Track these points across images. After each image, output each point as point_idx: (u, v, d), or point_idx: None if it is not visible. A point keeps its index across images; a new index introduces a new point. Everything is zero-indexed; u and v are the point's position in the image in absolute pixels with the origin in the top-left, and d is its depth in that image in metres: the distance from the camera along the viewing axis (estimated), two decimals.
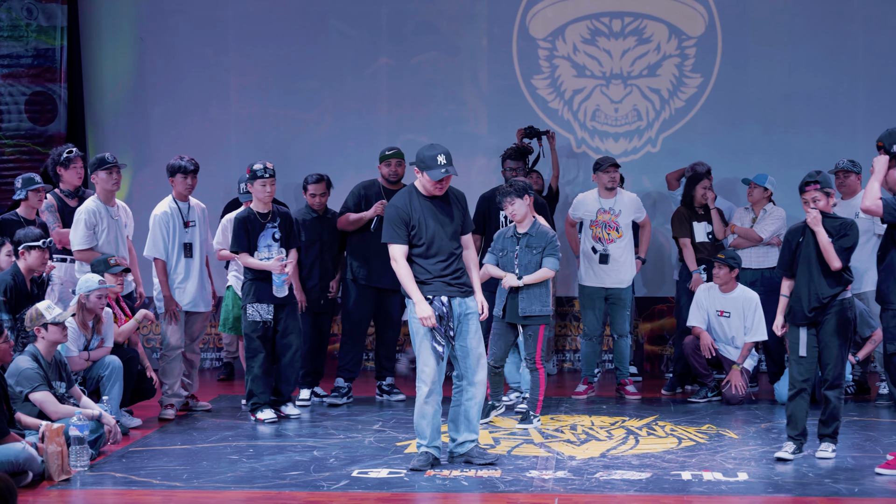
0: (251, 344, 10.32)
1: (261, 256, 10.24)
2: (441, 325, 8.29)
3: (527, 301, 9.89)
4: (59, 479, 8.05)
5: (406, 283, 8.33)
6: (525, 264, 9.91)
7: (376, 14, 13.43)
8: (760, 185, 11.57)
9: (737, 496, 7.76)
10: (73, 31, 13.32)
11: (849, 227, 8.53)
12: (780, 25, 13.13)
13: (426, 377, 8.33)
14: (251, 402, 10.30)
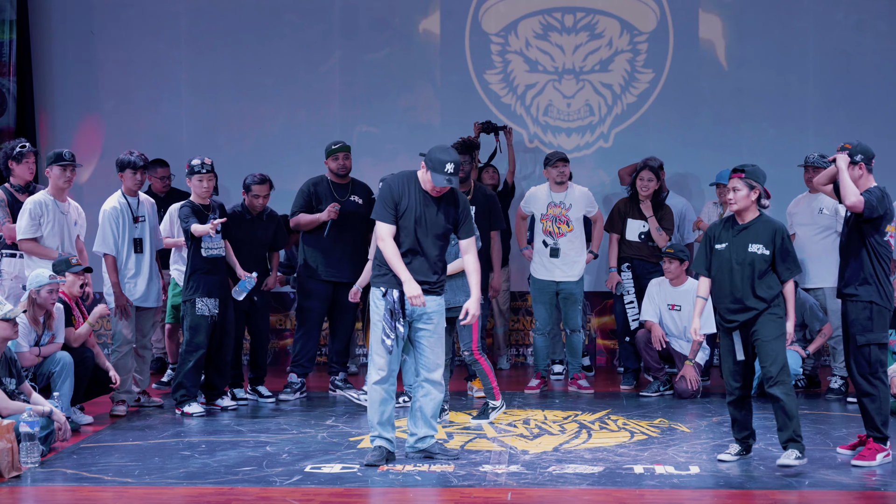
0: (195, 338, 10.31)
1: (204, 245, 10.29)
2: (391, 319, 8.26)
3: (451, 292, 9.70)
4: (10, 475, 7.98)
5: (393, 261, 8.21)
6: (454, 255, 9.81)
7: (329, 9, 13.41)
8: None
9: (689, 489, 7.79)
10: (22, 25, 13.22)
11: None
12: (731, 21, 13.19)
13: (376, 365, 8.31)
14: (179, 394, 10.32)
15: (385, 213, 8.27)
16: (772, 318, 8.21)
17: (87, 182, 13.18)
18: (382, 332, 8.26)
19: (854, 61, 13.11)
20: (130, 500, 7.61)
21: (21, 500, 7.66)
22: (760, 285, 8.21)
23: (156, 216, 10.70)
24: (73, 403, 9.69)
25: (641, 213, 11.66)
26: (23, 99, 13.23)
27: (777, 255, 8.20)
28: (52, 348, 9.59)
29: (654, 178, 11.66)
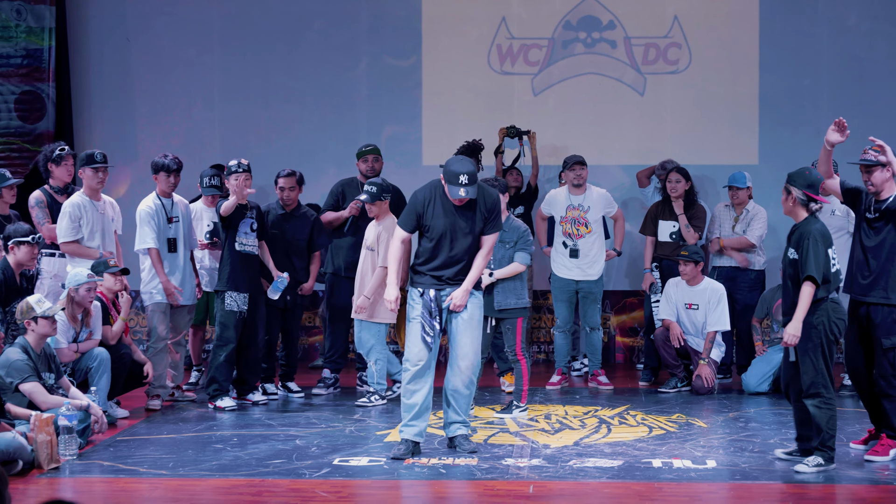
0: (224, 333, 10.36)
1: (241, 241, 10.37)
2: (430, 318, 8.33)
3: (502, 295, 9.92)
4: (49, 467, 8.04)
5: (390, 263, 8.54)
6: (499, 259, 9.94)
7: (356, 16, 13.43)
8: (743, 187, 11.64)
9: (705, 483, 7.79)
10: (61, 32, 13.28)
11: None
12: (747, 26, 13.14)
13: (410, 359, 8.38)
14: (211, 388, 10.36)
15: (405, 220, 8.48)
16: (805, 327, 8.02)
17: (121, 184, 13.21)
18: (422, 331, 8.33)
19: (867, 66, 13.08)
20: (165, 491, 7.66)
21: (59, 491, 7.71)
22: (795, 291, 8.08)
23: (190, 217, 10.76)
24: (109, 397, 9.74)
25: (671, 214, 11.67)
26: (61, 103, 13.29)
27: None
28: (89, 345, 9.65)
29: (682, 178, 11.66)
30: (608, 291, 12.49)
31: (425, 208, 8.37)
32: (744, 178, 11.68)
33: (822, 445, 7.98)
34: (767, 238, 11.90)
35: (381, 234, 10.43)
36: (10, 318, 9.25)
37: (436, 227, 8.35)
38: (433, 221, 8.35)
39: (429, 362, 8.38)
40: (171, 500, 7.48)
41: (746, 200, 11.72)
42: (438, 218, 8.34)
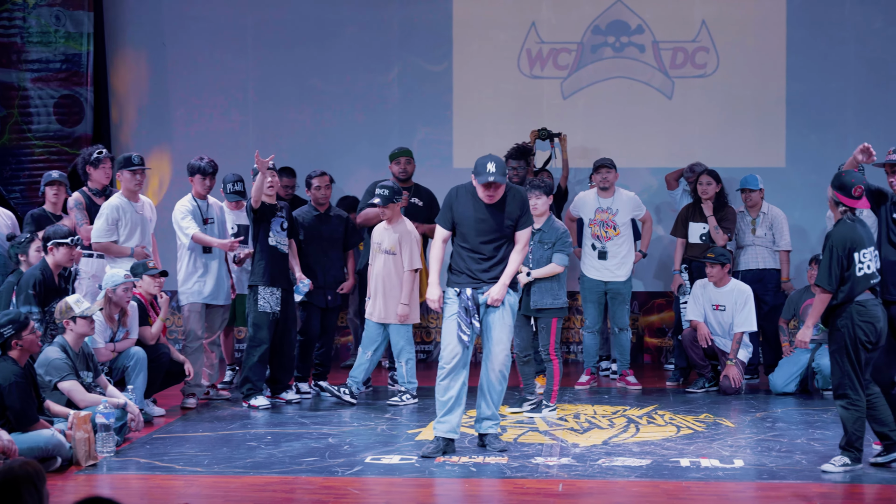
0: (258, 333, 10.37)
1: (273, 237, 10.41)
2: (467, 316, 8.34)
3: (538, 294, 9.94)
4: (87, 464, 8.08)
5: (431, 263, 8.59)
6: (537, 258, 9.97)
7: (389, 22, 13.44)
8: (756, 189, 11.61)
9: (733, 482, 7.76)
10: (98, 38, 13.35)
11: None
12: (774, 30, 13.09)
13: (445, 357, 8.40)
14: (245, 387, 10.37)
15: (442, 216, 8.54)
16: (831, 331, 7.97)
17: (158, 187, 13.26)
18: (458, 329, 8.35)
19: (893, 69, 13.01)
20: (200, 488, 7.68)
21: (97, 488, 7.75)
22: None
23: (224, 219, 10.79)
24: (146, 396, 9.78)
25: (701, 216, 11.63)
26: (99, 107, 13.35)
27: None
28: (126, 344, 9.69)
29: (713, 181, 11.63)
30: (636, 292, 12.46)
31: (457, 206, 8.45)
32: (756, 181, 11.65)
33: (848, 446, 7.91)
34: (794, 240, 11.85)
35: (403, 238, 10.48)
36: (49, 317, 9.30)
37: (467, 222, 8.41)
38: (465, 215, 8.41)
39: (463, 360, 8.39)
40: (205, 496, 7.50)
41: (760, 203, 11.70)
42: (469, 213, 8.41)
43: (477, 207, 8.40)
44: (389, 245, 10.49)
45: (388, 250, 10.49)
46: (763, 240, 11.64)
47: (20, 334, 8.02)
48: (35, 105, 13.15)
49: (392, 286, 10.49)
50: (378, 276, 10.53)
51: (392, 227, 10.54)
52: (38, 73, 13.18)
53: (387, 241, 10.52)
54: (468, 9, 13.39)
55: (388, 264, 10.50)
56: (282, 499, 7.41)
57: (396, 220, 10.56)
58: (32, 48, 13.14)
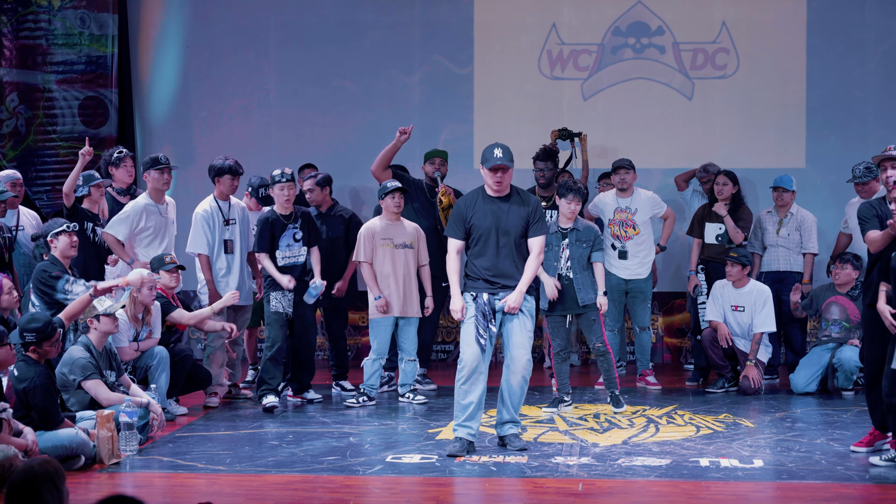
0: (270, 333, 10.33)
1: (283, 255, 10.32)
2: (484, 321, 8.34)
3: (584, 291, 10.05)
4: (110, 462, 8.09)
5: (451, 275, 8.55)
6: (577, 257, 10.05)
7: (410, 24, 13.43)
8: (790, 190, 11.54)
9: (752, 482, 7.73)
10: (123, 40, 13.39)
11: None
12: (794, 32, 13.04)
13: (464, 361, 8.38)
14: (262, 388, 10.32)
15: (453, 228, 8.56)
16: None
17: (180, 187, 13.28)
18: (476, 333, 8.35)
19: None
20: (222, 486, 7.68)
21: (120, 486, 7.76)
22: None
23: (247, 219, 10.80)
24: (168, 395, 9.79)
25: (717, 216, 11.58)
26: (123, 109, 13.39)
27: None
28: (149, 343, 9.71)
29: (728, 182, 11.58)
30: (656, 293, 12.42)
31: (469, 211, 8.48)
32: (791, 181, 11.59)
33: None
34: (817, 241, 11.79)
35: (419, 233, 10.61)
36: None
37: (480, 226, 8.43)
38: (476, 222, 8.44)
39: (482, 363, 8.38)
40: (228, 494, 7.50)
41: (790, 203, 11.63)
42: (481, 218, 8.44)
43: (489, 210, 8.44)
44: (408, 239, 10.51)
45: (406, 244, 10.51)
46: (787, 241, 11.57)
47: (41, 343, 8.02)
48: (60, 107, 13.19)
49: (409, 279, 10.50)
50: (398, 271, 10.50)
51: (401, 223, 10.58)
52: (63, 75, 13.22)
53: (402, 235, 10.52)
54: (489, 10, 13.37)
55: (406, 258, 10.52)
56: (303, 497, 7.41)
57: (399, 217, 10.61)
58: (57, 50, 13.19)
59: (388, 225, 10.58)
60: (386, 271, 10.52)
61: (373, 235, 10.55)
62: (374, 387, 10.52)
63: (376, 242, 10.53)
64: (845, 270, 11.04)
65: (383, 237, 10.53)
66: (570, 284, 10.07)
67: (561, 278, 10.10)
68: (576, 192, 10.08)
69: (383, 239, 10.53)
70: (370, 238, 10.54)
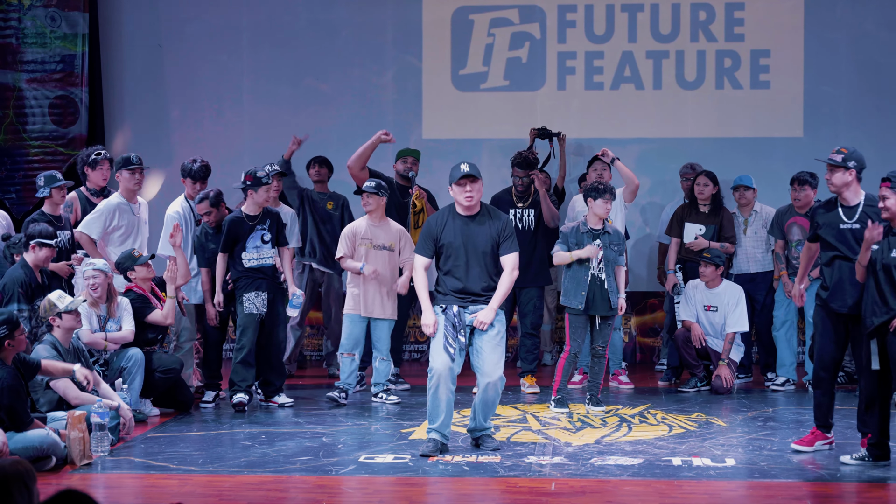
0: (243, 336, 10.25)
1: (250, 256, 10.26)
2: (454, 331, 8.38)
3: (615, 294, 10.11)
4: (81, 463, 8.06)
5: (419, 291, 8.60)
6: (611, 260, 10.10)
7: (383, 23, 13.43)
8: (751, 187, 11.59)
9: (724, 480, 7.77)
10: (93, 38, 13.33)
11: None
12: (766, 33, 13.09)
13: (434, 369, 8.40)
14: (232, 389, 10.26)
15: (422, 246, 8.62)
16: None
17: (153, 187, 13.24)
18: (445, 341, 8.37)
19: (885, 71, 13.01)
20: (195, 487, 7.66)
21: (92, 487, 7.73)
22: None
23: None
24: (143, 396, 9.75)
25: (698, 217, 11.60)
26: (94, 108, 13.33)
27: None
28: (119, 336, 9.62)
29: (710, 182, 11.60)
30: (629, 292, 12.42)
31: (439, 230, 8.53)
32: (750, 179, 11.65)
33: None
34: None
35: (403, 235, 10.59)
36: (35, 315, 9.22)
37: (451, 244, 8.50)
38: (447, 240, 8.50)
39: (452, 370, 8.42)
40: (200, 495, 7.49)
41: (753, 201, 11.69)
42: (451, 237, 8.50)
43: (459, 228, 8.49)
44: (388, 241, 10.49)
45: (386, 246, 10.49)
46: (755, 239, 11.61)
47: (13, 334, 7.99)
48: (30, 106, 13.14)
49: (385, 281, 10.48)
50: (375, 272, 10.48)
51: (383, 224, 10.54)
52: (34, 74, 13.16)
53: (383, 237, 10.50)
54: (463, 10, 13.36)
55: (384, 260, 10.49)
56: (276, 498, 7.41)
57: (383, 218, 10.57)
58: (28, 49, 13.13)
59: (371, 226, 10.56)
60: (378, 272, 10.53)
61: (354, 234, 10.55)
62: (352, 385, 10.51)
63: (357, 241, 10.53)
64: (804, 192, 11.06)
65: (364, 237, 10.52)
66: (602, 286, 10.06)
67: (593, 279, 10.09)
68: (608, 192, 10.11)
69: (363, 239, 10.52)
70: (352, 237, 10.54)
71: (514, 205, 11.13)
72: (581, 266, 10.08)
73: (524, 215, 11.10)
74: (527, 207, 11.12)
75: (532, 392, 11.00)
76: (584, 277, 10.08)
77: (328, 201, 11.87)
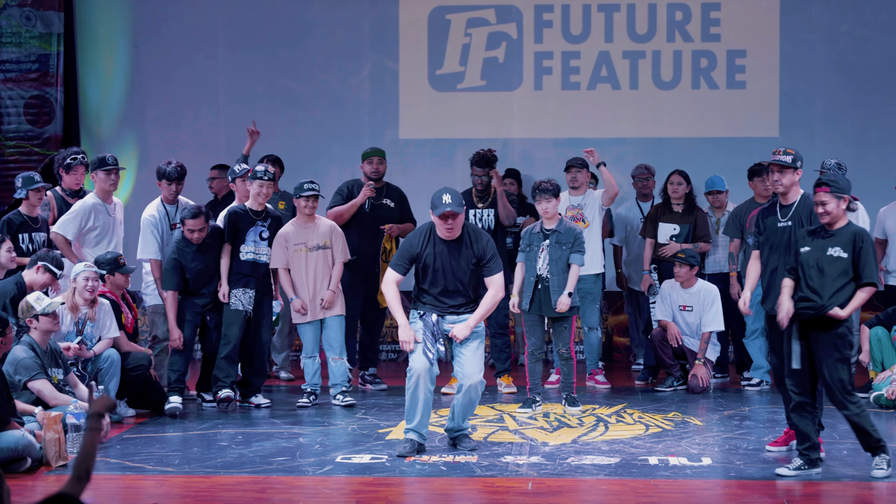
0: (228, 332, 10.23)
1: (247, 250, 10.23)
2: (433, 338, 8.42)
3: (559, 294, 10.05)
4: (57, 464, 8.03)
5: (392, 306, 8.54)
6: (555, 259, 10.04)
7: (359, 22, 13.42)
8: (724, 190, 11.62)
9: (701, 480, 7.79)
10: (69, 38, 13.28)
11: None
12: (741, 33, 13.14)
13: (413, 370, 8.41)
14: (217, 385, 10.23)
15: (397, 263, 8.55)
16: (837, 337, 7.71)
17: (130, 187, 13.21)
18: (424, 346, 8.40)
19: (860, 71, 13.07)
20: (171, 488, 7.65)
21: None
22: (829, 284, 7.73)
23: None
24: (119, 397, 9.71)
25: (672, 216, 11.62)
26: (69, 108, 13.29)
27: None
28: (103, 345, 9.58)
29: (683, 181, 11.63)
30: (606, 292, 12.46)
31: (419, 249, 8.49)
32: (722, 182, 11.69)
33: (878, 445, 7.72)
34: None
35: (334, 232, 10.43)
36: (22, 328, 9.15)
37: (431, 263, 8.47)
38: (428, 259, 8.47)
39: (430, 372, 8.44)
40: (177, 496, 7.48)
41: (726, 203, 11.73)
42: (432, 256, 8.46)
43: (440, 249, 8.45)
44: (321, 241, 10.39)
45: (321, 245, 10.37)
46: (726, 239, 11.63)
47: (4, 332, 7.99)
48: (6, 105, 13.10)
49: (326, 280, 10.41)
50: (309, 275, 10.36)
51: (314, 224, 10.39)
52: (9, 74, 13.12)
53: (315, 237, 10.36)
54: (440, 9, 13.37)
55: (320, 260, 10.39)
56: (252, 498, 7.39)
57: (314, 219, 10.41)
58: (3, 48, 13.09)
59: (300, 228, 10.39)
60: (300, 277, 10.39)
61: (286, 241, 10.38)
62: (318, 384, 10.47)
63: (290, 248, 10.39)
64: (765, 183, 11.04)
65: (296, 242, 10.35)
66: (547, 286, 10.07)
67: (540, 280, 10.10)
68: (544, 191, 10.05)
69: (296, 244, 10.35)
70: (283, 244, 10.36)
71: (475, 205, 11.08)
72: (530, 267, 10.11)
73: (483, 216, 11.07)
74: (486, 208, 11.08)
75: (509, 392, 11.00)
76: (531, 278, 10.12)
77: (279, 201, 11.65)
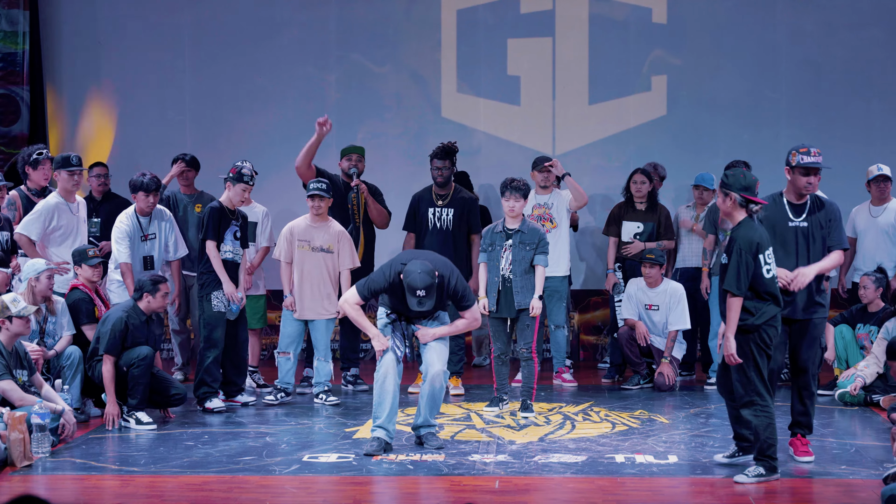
0: (212, 335, 10.12)
1: (226, 249, 10.15)
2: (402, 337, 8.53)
3: (522, 294, 9.92)
4: (22, 465, 7.97)
5: (358, 321, 8.62)
6: (519, 259, 9.92)
7: (325, 20, 13.39)
8: (711, 188, 11.57)
9: (667, 477, 7.81)
10: (34, 36, 13.19)
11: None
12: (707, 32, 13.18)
13: (382, 366, 8.45)
14: (201, 391, 10.11)
15: (363, 293, 8.55)
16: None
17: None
18: (393, 344, 8.45)
19: (824, 71, 13.12)
20: (136, 488, 7.61)
21: (32, 489, 7.65)
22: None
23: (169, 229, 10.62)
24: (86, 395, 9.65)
25: (635, 215, 11.63)
26: (35, 106, 13.20)
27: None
28: (62, 343, 9.53)
29: (646, 181, 11.63)
30: (573, 290, 12.47)
31: (384, 291, 8.55)
32: (711, 180, 11.67)
33: (761, 455, 7.67)
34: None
35: (342, 237, 10.41)
36: None
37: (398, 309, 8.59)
38: (394, 307, 8.59)
39: (397, 368, 8.48)
40: (142, 496, 7.44)
41: (710, 201, 11.74)
42: (401, 307, 8.53)
43: (406, 300, 8.40)
44: (326, 243, 10.39)
45: (324, 248, 10.37)
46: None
47: None
48: None
49: (323, 283, 10.38)
50: (306, 274, 10.37)
51: (326, 225, 10.43)
52: None
53: (321, 239, 10.39)
54: (407, 8, 13.35)
55: (321, 262, 10.38)
56: (219, 498, 7.36)
57: (325, 219, 10.44)
58: None
59: (309, 226, 10.42)
60: (298, 273, 10.40)
61: (292, 234, 10.42)
62: (290, 384, 10.43)
63: (294, 242, 10.43)
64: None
65: (301, 238, 10.39)
66: (510, 287, 9.98)
67: (503, 280, 10.03)
68: (515, 189, 9.94)
69: (301, 241, 10.38)
70: (289, 237, 10.43)
71: (434, 203, 10.97)
72: (492, 267, 10.06)
73: (442, 215, 10.97)
74: (445, 206, 10.97)
75: (456, 394, 10.88)
76: (495, 279, 10.02)
77: (196, 204, 11.49)
